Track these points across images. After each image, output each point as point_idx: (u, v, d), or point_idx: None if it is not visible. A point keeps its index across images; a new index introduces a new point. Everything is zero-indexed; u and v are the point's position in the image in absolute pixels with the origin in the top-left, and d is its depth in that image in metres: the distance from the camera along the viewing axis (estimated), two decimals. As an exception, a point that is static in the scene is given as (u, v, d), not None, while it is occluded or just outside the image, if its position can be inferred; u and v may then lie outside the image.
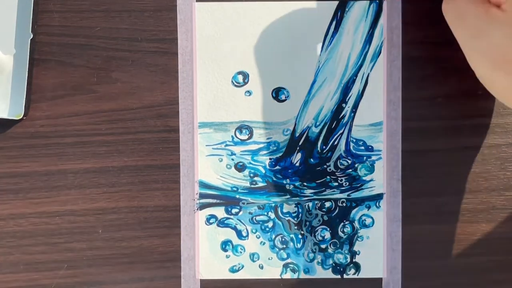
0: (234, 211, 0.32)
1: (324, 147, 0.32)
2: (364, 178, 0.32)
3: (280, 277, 0.32)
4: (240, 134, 0.32)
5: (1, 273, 0.32)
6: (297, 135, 0.32)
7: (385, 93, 0.31)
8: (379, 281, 0.32)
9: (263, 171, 0.32)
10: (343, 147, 0.32)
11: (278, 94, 0.32)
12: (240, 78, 0.32)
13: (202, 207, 0.32)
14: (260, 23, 0.31)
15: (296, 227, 0.32)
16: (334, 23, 0.31)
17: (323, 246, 0.32)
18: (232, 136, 0.32)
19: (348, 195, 0.32)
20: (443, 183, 0.32)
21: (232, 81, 0.32)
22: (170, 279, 0.32)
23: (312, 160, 0.32)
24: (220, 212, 0.32)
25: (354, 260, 0.32)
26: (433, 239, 0.32)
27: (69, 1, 0.31)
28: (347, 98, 0.31)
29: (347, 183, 0.32)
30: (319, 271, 0.32)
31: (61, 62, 0.32)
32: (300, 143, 0.32)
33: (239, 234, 0.32)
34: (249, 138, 0.32)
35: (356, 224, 0.32)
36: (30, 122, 0.32)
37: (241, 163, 0.32)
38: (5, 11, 0.31)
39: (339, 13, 0.31)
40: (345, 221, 0.32)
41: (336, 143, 0.32)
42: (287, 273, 0.32)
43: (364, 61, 0.31)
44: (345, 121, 0.32)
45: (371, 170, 0.32)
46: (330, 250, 0.32)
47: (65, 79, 0.32)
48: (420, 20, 0.30)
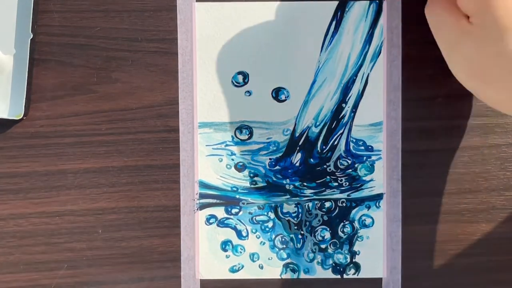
0: (234, 211, 0.32)
1: (324, 147, 0.32)
2: (364, 178, 0.32)
3: (280, 277, 0.32)
4: (240, 134, 0.32)
5: (1, 273, 0.32)
6: (297, 135, 0.32)
7: (385, 93, 0.31)
8: (379, 281, 0.32)
9: (263, 171, 0.32)
10: (343, 147, 0.32)
11: (278, 94, 0.32)
12: (240, 78, 0.32)
13: (202, 207, 0.32)
14: (260, 23, 0.31)
15: (296, 227, 0.32)
16: (334, 23, 0.31)
17: (323, 246, 0.32)
18: (232, 136, 0.32)
19: (348, 195, 0.32)
20: (443, 183, 0.32)
21: (232, 81, 0.32)
22: (170, 279, 0.32)
23: (312, 160, 0.32)
24: (220, 212, 0.32)
25: (354, 260, 0.32)
26: (433, 239, 0.32)
27: (69, 1, 0.31)
28: (347, 98, 0.31)
29: (347, 183, 0.32)
30: (319, 271, 0.32)
31: (61, 62, 0.32)
32: (300, 143, 0.32)
33: (239, 234, 0.32)
34: (249, 138, 0.32)
35: (356, 224, 0.32)
36: (30, 122, 0.32)
37: (241, 163, 0.32)
38: (5, 11, 0.31)
39: (339, 13, 0.31)
40: (345, 221, 0.32)
41: (336, 143, 0.32)
42: (287, 273, 0.32)
43: (364, 61, 0.31)
44: (345, 121, 0.32)
45: (371, 170, 0.32)
46: (330, 250, 0.32)
47: (65, 79, 0.32)
48: (420, 20, 0.30)
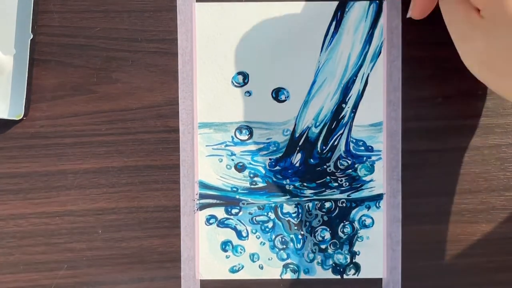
0: (234, 211, 0.32)
1: (324, 147, 0.32)
2: (364, 178, 0.32)
3: (280, 278, 0.32)
4: (240, 134, 0.32)
5: (1, 274, 0.32)
6: (297, 135, 0.32)
7: (385, 93, 0.31)
8: (379, 281, 0.32)
9: (263, 172, 0.32)
10: (343, 148, 0.32)
11: (278, 94, 0.32)
12: (240, 78, 0.32)
13: (202, 207, 0.32)
14: (260, 23, 0.31)
15: (296, 228, 0.32)
16: (334, 23, 0.31)
17: (323, 246, 0.32)
18: (232, 136, 0.32)
19: (348, 196, 0.32)
20: (443, 183, 0.32)
21: (232, 81, 0.32)
22: (170, 280, 0.32)
23: (312, 160, 0.32)
24: (220, 212, 0.32)
25: (354, 260, 0.32)
26: (433, 239, 0.32)
27: (69, 1, 0.31)
28: (347, 98, 0.31)
29: (347, 184, 0.32)
30: (319, 272, 0.32)
31: (61, 62, 0.32)
32: (300, 144, 0.32)
33: (239, 234, 0.32)
34: (249, 138, 0.32)
35: (356, 224, 0.32)
36: (30, 122, 0.32)
37: (241, 164, 0.32)
38: (5, 11, 0.31)
39: (339, 13, 0.31)
40: (345, 221, 0.32)
41: (336, 143, 0.32)
42: (287, 274, 0.32)
43: (364, 61, 0.31)
44: (345, 122, 0.32)
45: (371, 170, 0.32)
46: (330, 250, 0.32)
47: (65, 79, 0.32)
48: (420, 20, 0.30)
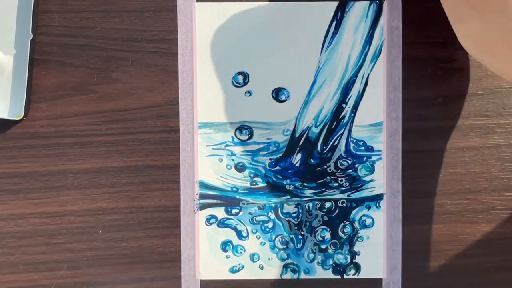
0: (234, 211, 0.32)
1: (324, 147, 0.32)
2: (364, 178, 0.32)
3: (280, 278, 0.32)
4: (240, 134, 0.32)
5: (1, 274, 0.32)
6: (297, 135, 0.32)
7: (385, 93, 0.31)
8: (379, 281, 0.32)
9: (263, 172, 0.32)
10: (343, 148, 0.32)
11: (278, 94, 0.32)
12: (240, 78, 0.32)
13: (202, 207, 0.32)
14: (260, 23, 0.31)
15: (296, 228, 0.32)
16: (334, 23, 0.31)
17: (323, 246, 0.32)
18: (232, 136, 0.32)
19: (348, 196, 0.32)
20: (443, 183, 0.32)
21: (232, 81, 0.32)
22: (170, 280, 0.32)
23: (312, 160, 0.32)
24: (220, 212, 0.32)
25: (354, 260, 0.32)
26: (433, 239, 0.32)
27: (69, 1, 0.31)
28: (347, 98, 0.31)
29: (347, 184, 0.32)
30: (319, 272, 0.32)
31: (61, 62, 0.32)
32: (300, 144, 0.32)
33: (239, 234, 0.32)
34: (249, 138, 0.32)
35: (356, 224, 0.32)
36: (30, 122, 0.32)
37: (241, 164, 0.32)
38: (5, 11, 0.31)
39: (339, 13, 0.31)
40: (345, 221, 0.32)
41: (336, 143, 0.32)
42: (287, 274, 0.32)
43: (364, 61, 0.31)
44: (345, 122, 0.32)
45: (371, 170, 0.32)
46: (330, 250, 0.32)
47: (65, 79, 0.32)
48: (420, 20, 0.30)
